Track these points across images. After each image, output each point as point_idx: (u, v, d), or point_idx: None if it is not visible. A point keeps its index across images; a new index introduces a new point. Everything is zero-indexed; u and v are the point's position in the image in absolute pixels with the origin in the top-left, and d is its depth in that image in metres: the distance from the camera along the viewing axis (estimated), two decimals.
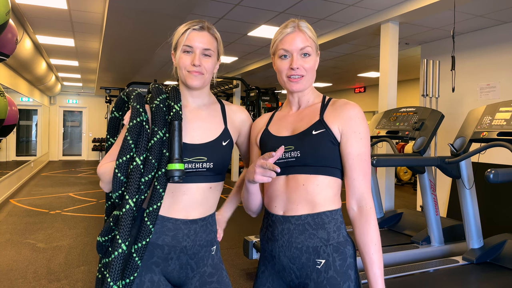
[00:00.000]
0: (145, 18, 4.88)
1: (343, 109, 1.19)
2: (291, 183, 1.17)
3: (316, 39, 1.25)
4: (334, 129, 1.17)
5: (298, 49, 1.20)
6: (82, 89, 14.39)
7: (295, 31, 1.21)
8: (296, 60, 1.20)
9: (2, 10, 3.13)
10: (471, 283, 2.74)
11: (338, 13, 4.68)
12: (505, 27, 4.91)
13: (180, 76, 1.28)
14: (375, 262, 1.10)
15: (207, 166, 1.23)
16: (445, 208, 5.38)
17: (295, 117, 1.26)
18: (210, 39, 1.26)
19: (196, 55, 1.23)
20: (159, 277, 1.22)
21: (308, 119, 1.22)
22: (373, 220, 1.12)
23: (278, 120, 1.31)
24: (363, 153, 1.15)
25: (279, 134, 1.25)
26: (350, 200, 1.16)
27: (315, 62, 1.24)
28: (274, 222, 1.20)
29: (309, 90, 1.28)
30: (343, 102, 1.21)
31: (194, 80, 1.25)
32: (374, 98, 10.78)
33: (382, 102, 4.68)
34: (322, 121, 1.19)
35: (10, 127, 4.27)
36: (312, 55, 1.22)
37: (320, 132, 1.17)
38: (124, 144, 1.15)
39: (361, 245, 1.13)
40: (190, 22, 1.27)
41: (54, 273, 3.46)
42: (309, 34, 1.22)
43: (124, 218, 1.11)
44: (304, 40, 1.20)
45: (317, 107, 1.24)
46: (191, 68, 1.24)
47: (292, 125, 1.24)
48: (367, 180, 1.15)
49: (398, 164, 3.32)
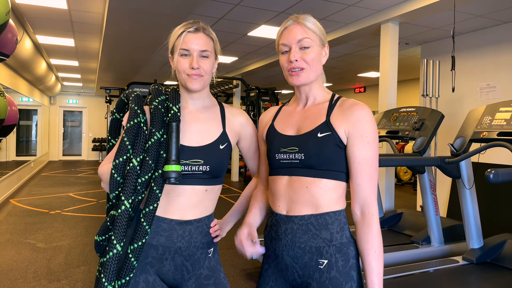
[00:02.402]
0: (145, 18, 4.88)
1: (351, 111, 1.14)
2: (295, 184, 1.16)
3: (319, 30, 1.20)
4: (340, 132, 1.13)
5: (296, 41, 1.17)
6: (82, 89, 14.39)
7: (293, 24, 1.19)
8: (294, 52, 1.17)
9: (2, 10, 3.13)
10: (471, 283, 2.74)
11: (338, 13, 4.68)
12: (505, 27, 4.91)
13: (180, 79, 1.27)
14: (374, 270, 1.09)
15: (204, 169, 1.23)
16: (445, 208, 5.38)
17: (302, 114, 1.23)
18: (206, 40, 1.24)
19: (193, 57, 1.22)
20: (154, 277, 1.22)
21: (314, 119, 1.19)
22: (375, 227, 1.10)
23: (285, 115, 1.28)
24: (369, 157, 1.12)
25: (284, 132, 1.23)
26: (354, 204, 1.14)
27: (318, 55, 1.19)
28: (277, 221, 1.20)
29: (316, 86, 1.23)
30: (351, 103, 1.16)
31: (194, 83, 1.24)
32: (374, 98, 10.78)
33: (382, 102, 4.68)
34: (328, 122, 1.15)
35: (10, 127, 4.27)
36: (313, 47, 1.17)
37: (326, 135, 1.14)
38: (121, 145, 1.15)
39: (361, 251, 1.12)
40: (185, 24, 1.25)
41: (54, 273, 3.46)
42: (309, 26, 1.18)
43: (120, 219, 1.11)
44: (302, 32, 1.17)
45: (324, 107, 1.20)
46: (190, 72, 1.23)
47: (298, 123, 1.22)
48: (373, 185, 1.12)
49: (398, 164, 3.32)
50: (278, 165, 1.21)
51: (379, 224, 1.12)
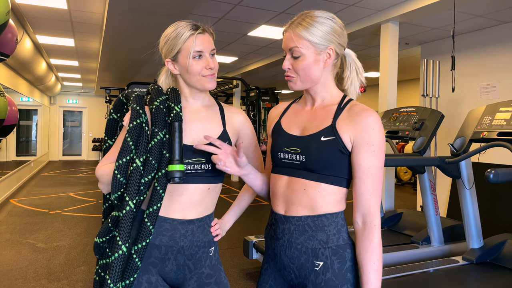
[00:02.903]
0: (145, 18, 4.89)
1: (359, 116, 1.09)
2: (293, 185, 1.16)
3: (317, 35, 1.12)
4: (345, 138, 1.10)
5: (288, 49, 1.16)
6: (82, 89, 14.40)
7: (288, 30, 1.17)
8: (286, 60, 1.17)
9: (2, 10, 3.13)
10: (471, 283, 2.74)
11: (338, 13, 4.68)
12: (505, 27, 4.91)
13: (192, 81, 1.25)
14: (371, 282, 1.06)
15: (206, 168, 1.24)
16: (445, 208, 5.38)
17: (308, 115, 1.21)
18: (211, 39, 1.27)
19: (208, 58, 1.23)
20: (157, 277, 1.22)
21: (320, 121, 1.16)
22: (376, 238, 1.07)
23: (293, 113, 1.26)
24: (374, 167, 1.08)
25: (289, 130, 1.22)
26: (356, 213, 1.11)
27: (311, 62, 1.13)
28: (276, 220, 1.20)
29: (322, 87, 1.19)
30: (360, 109, 1.11)
31: (211, 82, 1.25)
32: (374, 98, 10.77)
33: (382, 102, 4.68)
34: (333, 127, 1.11)
35: (10, 127, 4.27)
36: (304, 56, 1.12)
37: (329, 140, 1.10)
38: (124, 145, 1.14)
39: (360, 262, 1.09)
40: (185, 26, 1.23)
41: (54, 273, 3.46)
42: (302, 34, 1.11)
43: (125, 219, 1.11)
44: (292, 41, 1.13)
45: (332, 109, 1.16)
46: (206, 72, 1.23)
47: (304, 124, 1.20)
48: (376, 195, 1.08)
49: (398, 164, 3.33)
50: (279, 163, 1.20)
51: (380, 235, 1.09)
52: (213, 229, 1.32)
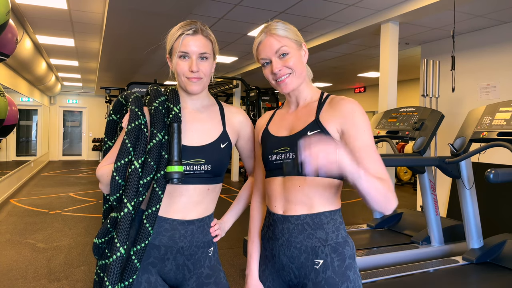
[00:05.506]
0: (145, 18, 4.88)
1: (339, 106, 1.15)
2: (288, 184, 1.18)
3: (292, 34, 1.20)
4: (331, 129, 1.14)
5: (274, 52, 1.18)
6: (82, 89, 14.39)
7: (266, 36, 1.19)
8: (275, 63, 1.18)
9: (2, 10, 3.13)
10: (471, 283, 2.74)
11: (338, 13, 4.68)
12: (505, 27, 4.91)
13: (179, 81, 1.27)
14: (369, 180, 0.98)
15: (205, 168, 1.23)
16: (445, 208, 5.37)
17: (293, 116, 1.25)
18: (204, 42, 1.23)
19: (193, 60, 1.21)
20: (156, 277, 1.22)
21: (305, 119, 1.20)
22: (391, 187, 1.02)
23: (278, 119, 1.30)
24: (369, 145, 1.09)
25: (277, 134, 1.25)
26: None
27: (298, 57, 1.20)
28: (274, 221, 1.21)
29: (305, 87, 1.25)
30: (339, 99, 1.17)
31: (194, 86, 1.24)
32: (374, 98, 10.78)
33: (382, 102, 4.68)
34: (317, 121, 1.16)
35: (10, 127, 4.27)
36: (291, 52, 1.18)
37: (315, 133, 1.14)
38: (123, 147, 1.14)
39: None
40: (183, 25, 1.24)
41: (54, 273, 3.46)
42: (281, 34, 1.18)
43: (123, 221, 1.11)
44: (276, 43, 1.18)
45: (314, 106, 1.21)
46: (190, 75, 1.22)
47: (290, 125, 1.24)
48: (381, 165, 1.07)
49: (398, 164, 3.33)
50: (271, 166, 1.22)
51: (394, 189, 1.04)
52: (213, 229, 1.32)
